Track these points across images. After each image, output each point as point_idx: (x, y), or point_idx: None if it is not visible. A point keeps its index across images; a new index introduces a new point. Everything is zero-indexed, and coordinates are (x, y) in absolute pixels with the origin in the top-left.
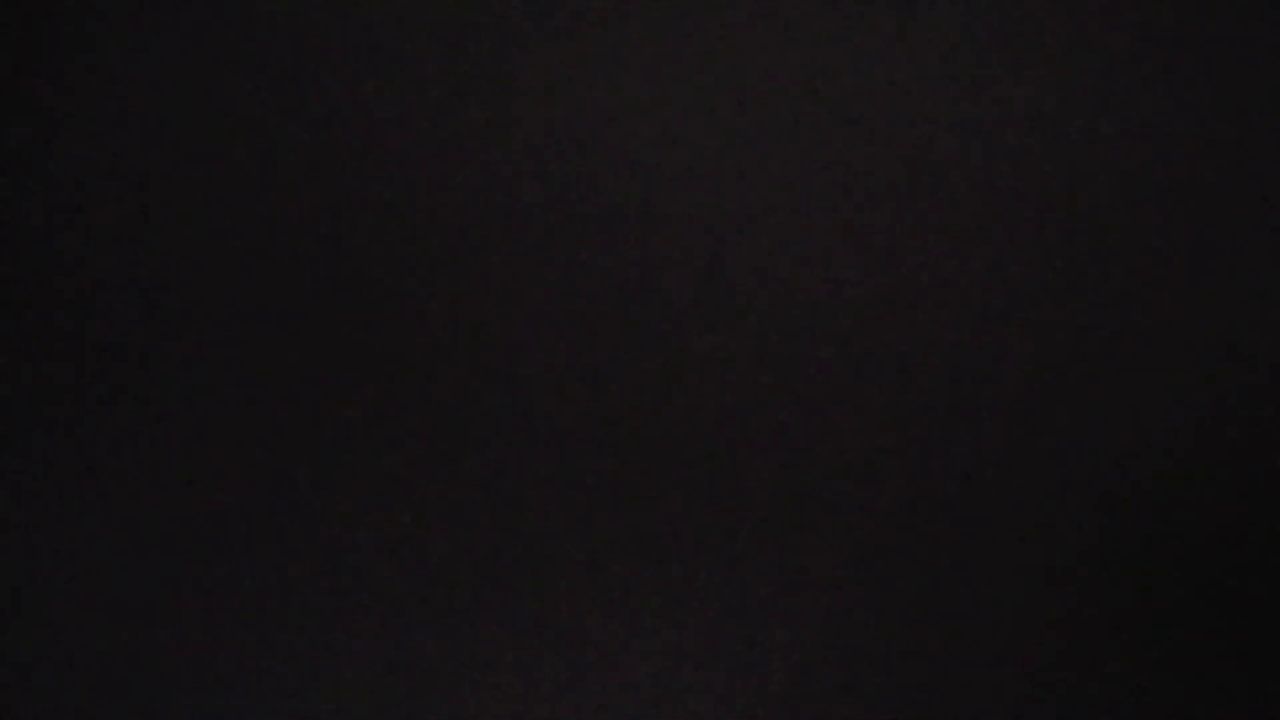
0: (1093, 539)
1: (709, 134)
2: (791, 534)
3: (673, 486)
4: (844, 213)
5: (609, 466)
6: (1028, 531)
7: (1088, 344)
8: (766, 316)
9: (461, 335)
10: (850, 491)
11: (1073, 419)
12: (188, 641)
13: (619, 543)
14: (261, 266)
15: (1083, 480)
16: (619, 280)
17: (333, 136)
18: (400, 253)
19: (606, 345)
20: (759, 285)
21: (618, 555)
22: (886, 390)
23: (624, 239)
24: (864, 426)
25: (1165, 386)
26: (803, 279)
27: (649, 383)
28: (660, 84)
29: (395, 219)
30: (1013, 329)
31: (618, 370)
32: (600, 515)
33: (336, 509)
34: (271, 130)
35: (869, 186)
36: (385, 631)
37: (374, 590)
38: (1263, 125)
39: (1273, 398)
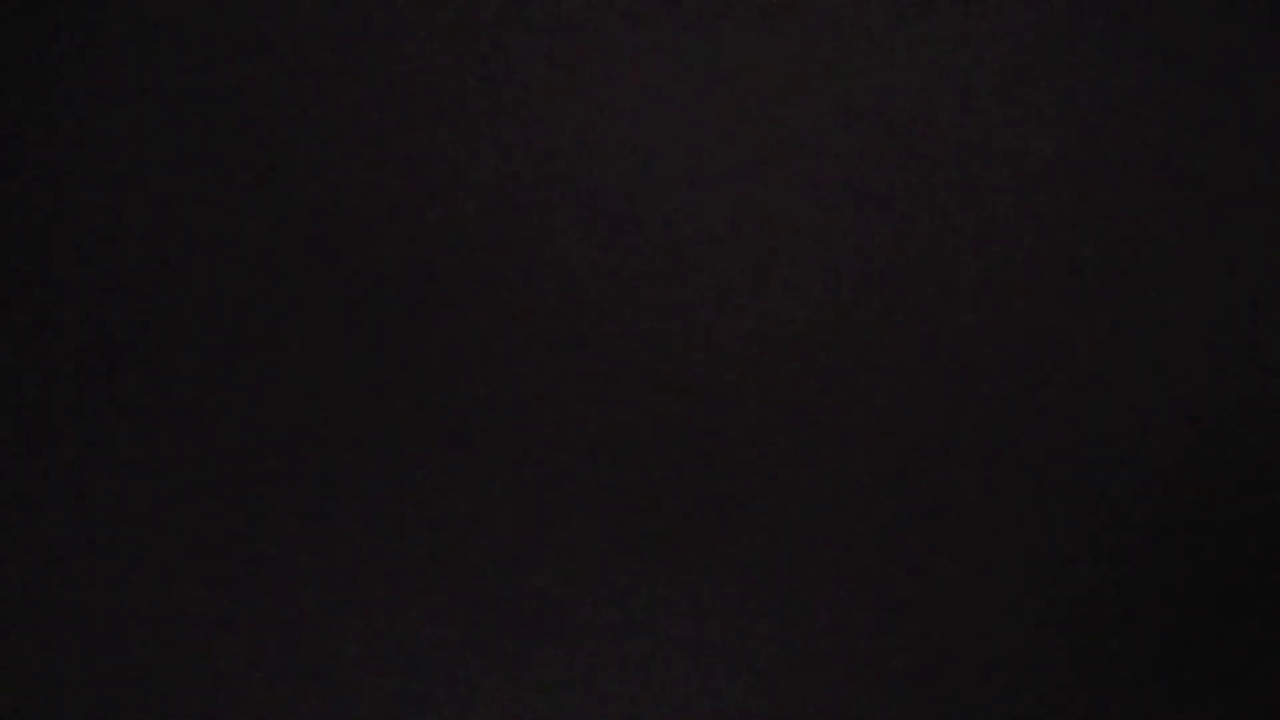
0: (1093, 539)
1: (708, 134)
2: (792, 534)
3: (673, 486)
4: (844, 212)
5: (608, 466)
6: (1029, 532)
7: (1089, 344)
8: (767, 316)
9: (461, 334)
10: (851, 492)
11: (1074, 420)
12: (186, 641)
13: (619, 543)
14: (259, 266)
15: (1083, 480)
16: (619, 280)
17: (329, 135)
18: (398, 251)
19: (606, 345)
20: (759, 285)
21: (618, 555)
22: (888, 391)
23: (623, 238)
24: (866, 427)
25: (1166, 386)
26: (804, 279)
27: (649, 382)
28: (660, 83)
29: (393, 218)
30: (1016, 330)
31: (617, 370)
32: (600, 515)
33: (336, 509)
34: (269, 129)
35: (869, 186)
36: (385, 631)
37: (374, 590)
38: (1263, 125)
39: (1273, 397)
